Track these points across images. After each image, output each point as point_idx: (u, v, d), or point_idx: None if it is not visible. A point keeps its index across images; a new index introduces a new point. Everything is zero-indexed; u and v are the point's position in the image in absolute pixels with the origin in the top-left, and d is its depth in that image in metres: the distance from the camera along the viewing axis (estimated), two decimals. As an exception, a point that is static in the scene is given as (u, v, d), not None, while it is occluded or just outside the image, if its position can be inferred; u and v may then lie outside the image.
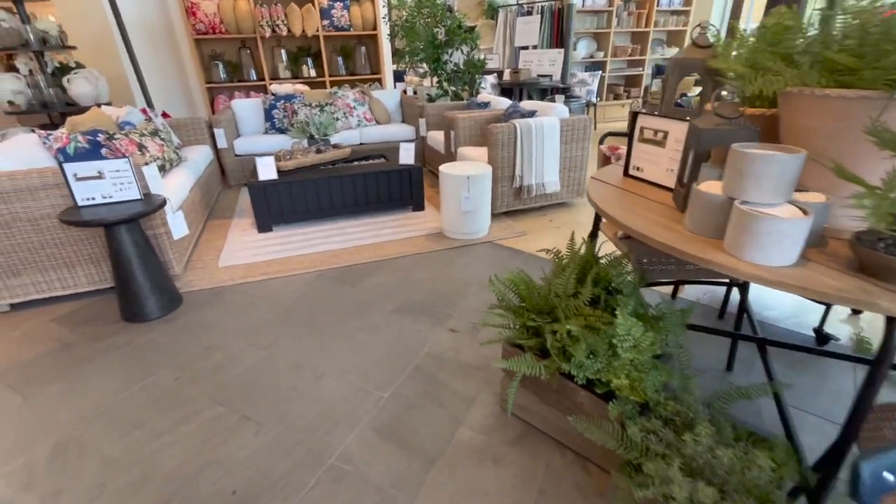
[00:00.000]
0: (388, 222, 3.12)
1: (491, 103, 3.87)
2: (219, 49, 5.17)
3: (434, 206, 3.40)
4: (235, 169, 4.00)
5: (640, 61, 6.88)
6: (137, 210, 1.86)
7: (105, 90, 4.32)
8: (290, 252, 2.69)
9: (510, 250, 2.67)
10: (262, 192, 2.90)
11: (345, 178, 3.04)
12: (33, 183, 1.98)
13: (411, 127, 4.43)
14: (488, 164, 2.94)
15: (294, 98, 4.23)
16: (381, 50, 5.50)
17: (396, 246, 2.75)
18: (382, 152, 3.60)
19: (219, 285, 2.35)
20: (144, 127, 2.80)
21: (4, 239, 2.04)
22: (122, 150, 2.51)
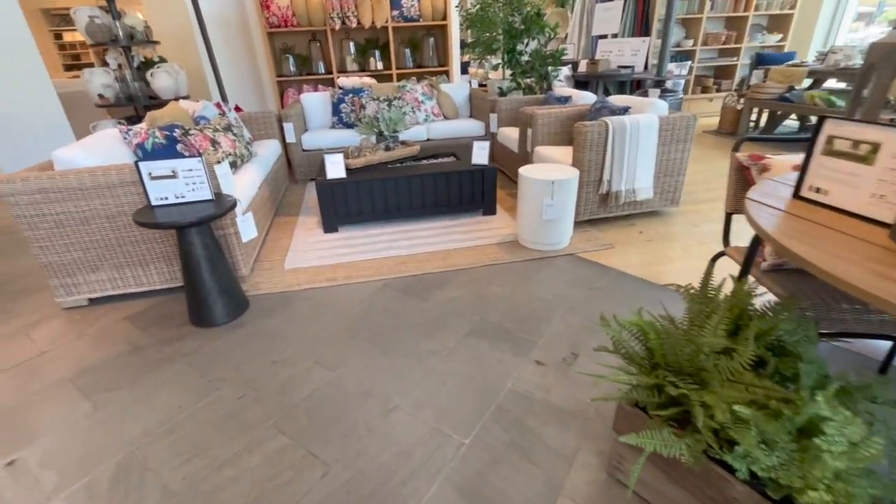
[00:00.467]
0: (457, 227, 2.90)
1: (572, 98, 3.52)
2: (290, 42, 5.18)
3: (506, 211, 3.14)
4: (302, 164, 3.95)
5: (733, 50, 6.16)
6: (208, 213, 1.77)
7: (184, 84, 4.44)
8: (356, 256, 2.55)
9: (596, 266, 2.36)
10: (329, 192, 2.79)
11: (413, 178, 2.86)
12: (112, 180, 1.95)
13: (481, 122, 4.18)
14: (572, 166, 2.64)
15: (362, 92, 4.11)
16: (450, 41, 5.27)
17: (467, 254, 2.53)
18: (450, 149, 3.39)
19: (285, 290, 2.24)
20: (218, 122, 2.76)
21: (84, 235, 2.03)
22: (195, 145, 2.47)
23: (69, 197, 1.94)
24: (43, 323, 2.07)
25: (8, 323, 2.09)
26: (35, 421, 1.51)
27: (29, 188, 1.89)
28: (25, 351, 1.88)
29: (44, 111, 3.95)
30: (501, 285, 2.21)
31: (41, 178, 1.89)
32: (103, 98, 4.13)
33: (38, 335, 1.99)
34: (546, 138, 3.20)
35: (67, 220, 1.99)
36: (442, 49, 5.48)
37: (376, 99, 4.00)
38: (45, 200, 1.93)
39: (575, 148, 2.61)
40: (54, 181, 1.90)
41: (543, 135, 3.18)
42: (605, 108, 2.90)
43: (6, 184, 1.87)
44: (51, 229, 1.99)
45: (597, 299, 2.06)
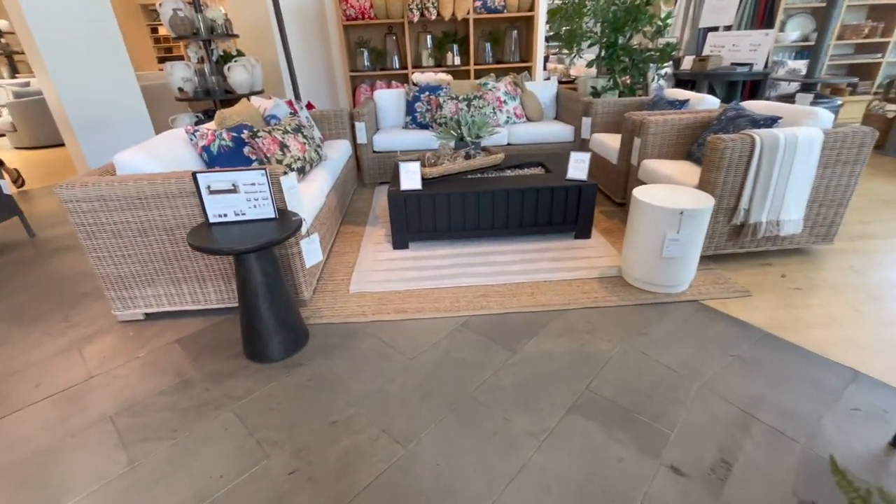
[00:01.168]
0: (544, 252, 2.48)
1: (690, 101, 2.95)
2: (365, 35, 4.96)
3: (601, 234, 2.67)
4: (372, 166, 3.69)
5: (876, 45, 5.14)
6: (269, 237, 1.49)
7: (259, 78, 4.34)
8: (428, 281, 2.21)
9: (732, 321, 1.85)
10: (402, 205, 2.47)
11: (499, 192, 2.47)
12: (171, 189, 1.74)
13: (570, 127, 3.69)
14: (698, 188, 2.12)
15: (439, 90, 3.77)
16: (535, 35, 4.80)
17: (561, 290, 2.10)
18: (536, 157, 2.96)
19: (349, 320, 1.95)
20: (289, 122, 2.53)
21: (143, 247, 1.85)
22: (263, 149, 2.24)
23: (127, 206, 1.76)
24: (97, 338, 1.93)
25: (64, 334, 1.97)
26: (66, 474, 1.31)
27: (88, 194, 1.73)
28: (74, 373, 1.72)
29: (126, 104, 3.99)
30: (609, 339, 1.77)
31: (100, 184, 1.72)
32: (183, 92, 4.11)
33: (89, 353, 1.83)
34: (657, 150, 2.68)
35: (125, 230, 1.81)
36: (526, 43, 5.01)
37: (454, 98, 3.64)
38: (104, 209, 1.76)
39: (706, 167, 2.09)
40: (113, 188, 1.72)
41: (654, 146, 2.66)
42: (743, 118, 2.34)
43: (67, 189, 1.71)
44: (108, 239, 1.82)
45: (744, 375, 1.56)
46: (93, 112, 3.78)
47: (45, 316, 2.12)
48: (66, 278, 2.47)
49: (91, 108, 3.77)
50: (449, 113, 3.62)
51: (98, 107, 3.80)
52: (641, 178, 2.68)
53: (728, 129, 2.37)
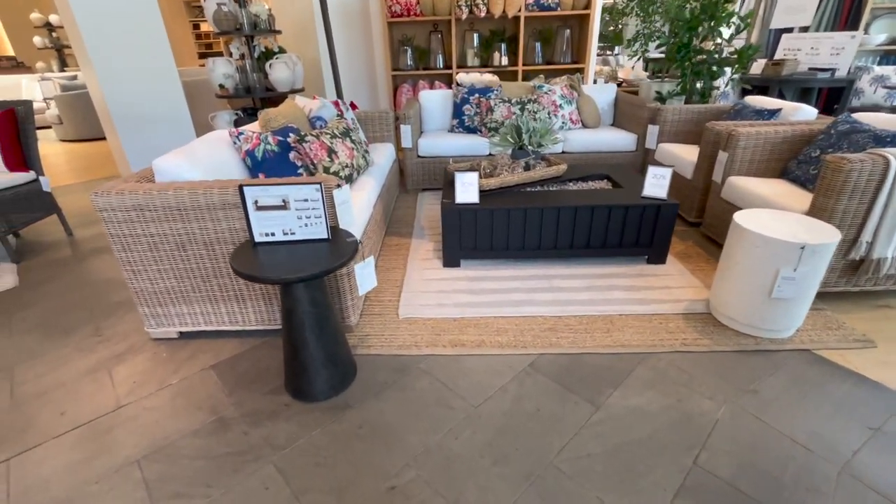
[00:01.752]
0: (615, 278, 2.20)
1: (782, 111, 2.61)
2: (409, 33, 4.75)
3: (678, 259, 2.36)
4: (416, 172, 3.48)
5: (977, 50, 4.59)
6: (323, 265, 1.28)
7: (300, 76, 4.19)
8: (485, 308, 1.97)
9: (859, 379, 1.54)
10: (456, 220, 2.23)
11: (565, 209, 2.20)
12: (213, 201, 1.55)
13: (631, 135, 3.38)
14: (809, 215, 1.80)
15: (490, 92, 3.52)
16: (589, 34, 4.48)
17: (642, 328, 1.82)
18: (592, 166, 2.67)
19: (400, 352, 1.73)
20: (336, 125, 2.33)
21: (179, 261, 1.68)
22: (310, 154, 2.05)
23: (166, 217, 1.58)
24: (129, 357, 1.77)
25: (95, 350, 1.82)
26: (86, 534, 1.13)
27: (124, 203, 1.56)
28: (103, 399, 1.56)
29: (167, 100, 3.90)
30: (710, 395, 1.49)
31: (137, 192, 1.55)
32: (223, 89, 4.00)
33: (120, 375, 1.67)
34: (745, 166, 2.36)
35: (162, 243, 1.64)
36: (578, 43, 4.70)
37: (507, 101, 3.39)
38: (140, 219, 1.59)
39: (822, 191, 1.77)
40: (151, 197, 1.55)
41: (743, 161, 2.34)
42: (861, 133, 2.00)
43: (102, 197, 1.55)
44: (144, 252, 1.66)
45: (893, 458, 1.26)
46: (134, 107, 3.70)
47: (76, 327, 1.98)
48: (100, 284, 2.34)
49: (132, 102, 3.69)
50: (500, 117, 3.37)
51: (139, 102, 3.72)
52: (726, 197, 2.36)
53: (841, 145, 2.03)
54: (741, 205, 2.24)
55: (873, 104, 4.35)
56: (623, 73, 6.73)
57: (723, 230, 2.40)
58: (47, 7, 8.77)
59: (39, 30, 8.25)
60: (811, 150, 2.17)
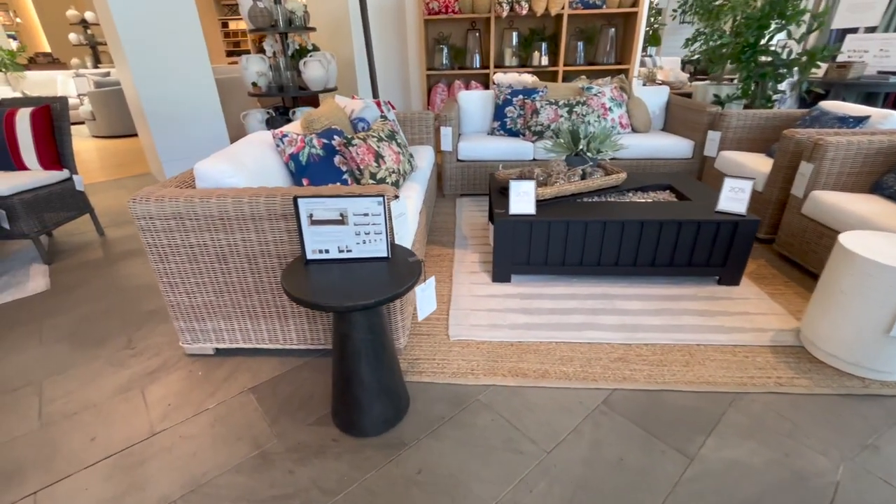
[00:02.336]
0: (684, 301, 1.99)
1: (870, 118, 2.36)
2: (446, 31, 4.59)
3: (753, 282, 2.14)
4: (455, 176, 3.31)
5: None
6: (387, 291, 1.12)
7: (334, 75, 4.06)
8: (544, 330, 1.79)
9: None
10: (510, 232, 2.06)
11: (630, 223, 2.01)
12: (259, 211, 1.41)
13: (687, 141, 3.15)
14: (927, 241, 1.57)
15: (535, 93, 3.34)
16: (636, 33, 4.25)
17: (725, 361, 1.62)
18: (644, 174, 2.46)
19: (455, 381, 1.56)
20: (381, 127, 2.18)
21: (220, 275, 1.54)
22: (356, 159, 1.90)
23: (207, 226, 1.45)
24: (162, 374, 1.65)
25: (127, 365, 1.70)
26: None
27: (164, 211, 1.43)
28: (136, 424, 1.44)
29: (201, 98, 3.83)
30: (822, 450, 1.28)
31: (178, 199, 1.42)
32: (256, 87, 3.90)
33: (153, 396, 1.55)
34: (833, 180, 2.12)
35: (203, 254, 1.51)
36: (624, 43, 4.47)
37: (553, 103, 3.19)
38: (180, 228, 1.46)
39: (944, 212, 1.54)
40: (193, 205, 1.41)
41: (830, 174, 2.11)
42: (982, 145, 1.75)
43: (140, 204, 1.43)
44: (182, 264, 1.53)
45: None
46: (167, 105, 3.63)
47: (107, 338, 1.87)
48: (132, 290, 2.24)
49: (166, 100, 3.62)
50: (547, 120, 3.18)
51: (173, 100, 3.65)
52: (809, 213, 2.13)
53: (955, 159, 1.79)
54: (830, 223, 2.01)
55: (948, 111, 4.01)
56: (662, 75, 6.45)
57: (802, 249, 2.17)
58: (83, 4, 8.91)
59: (75, 27, 8.37)
60: (915, 164, 1.93)
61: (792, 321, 1.84)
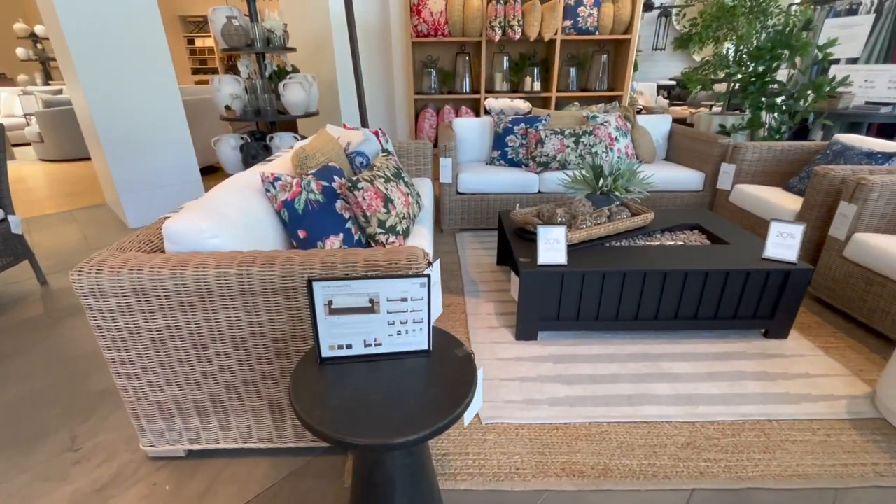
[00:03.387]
0: (735, 360, 1.77)
1: (900, 155, 2.26)
2: (434, 54, 4.39)
3: (801, 334, 1.95)
4: (454, 210, 3.05)
5: None
6: (436, 416, 0.81)
7: (315, 98, 3.77)
8: (590, 405, 1.52)
9: None
10: (539, 284, 1.79)
11: (674, 273, 1.78)
12: (251, 284, 1.08)
13: (698, 173, 3.01)
14: None
15: (538, 122, 3.14)
16: (629, 60, 4.18)
17: (808, 444, 1.38)
18: (658, 209, 2.27)
19: (499, 487, 1.26)
20: (385, 164, 1.89)
21: (196, 363, 1.19)
22: (362, 205, 1.60)
23: (181, 304, 1.11)
24: (116, 492, 1.26)
25: (67, 477, 1.31)
26: None
27: (121, 286, 1.08)
28: (76, 579, 1.05)
29: (166, 121, 3.43)
30: (966, 574, 1.04)
31: (141, 270, 1.07)
32: (230, 111, 3.55)
33: (103, 528, 1.16)
34: (875, 222, 1.97)
35: (173, 339, 1.16)
36: (616, 69, 4.39)
37: (559, 132, 3.00)
38: (144, 308, 1.11)
39: None
40: (161, 278, 1.07)
41: (873, 216, 1.96)
42: None
43: (86, 277, 1.07)
44: (146, 352, 1.17)
45: None
46: (125, 127, 3.21)
47: (43, 434, 1.46)
48: (78, 360, 1.83)
49: (124, 122, 3.20)
50: (552, 150, 2.97)
51: (132, 122, 3.24)
52: (852, 257, 1.97)
53: None
54: (880, 269, 1.85)
55: (931, 141, 4.10)
56: (643, 101, 6.47)
57: (847, 296, 2.00)
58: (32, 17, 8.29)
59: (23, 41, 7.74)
60: (968, 206, 1.79)
61: (859, 383, 1.64)
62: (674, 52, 6.33)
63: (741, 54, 3.08)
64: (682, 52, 6.36)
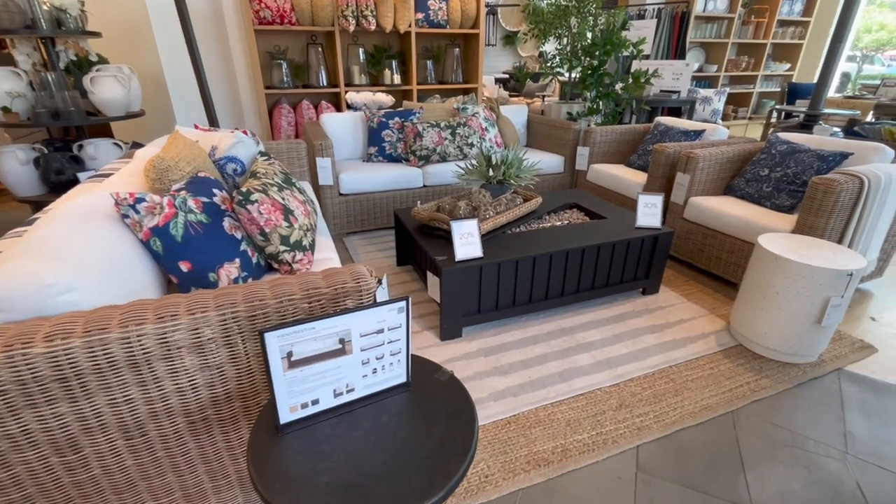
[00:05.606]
0: (630, 319, 2.01)
1: (706, 132, 2.81)
2: (282, 44, 3.97)
3: (669, 288, 2.31)
4: (339, 213, 2.82)
5: (749, 77, 5.98)
6: (442, 476, 0.70)
7: (137, 95, 3.09)
8: (530, 390, 1.56)
9: (892, 392, 1.61)
10: (460, 281, 1.76)
11: (574, 251, 1.93)
12: (149, 349, 0.80)
13: (558, 157, 3.33)
14: (797, 233, 1.88)
15: (412, 115, 3.09)
16: (479, 53, 4.40)
17: (701, 380, 1.65)
18: (540, 193, 2.50)
19: (475, 500, 1.19)
20: (270, 170, 1.62)
21: (63, 471, 0.84)
22: (259, 220, 1.33)
23: (25, 399, 0.76)
24: None
25: None
26: None
27: None
28: None
29: None
30: (826, 453, 1.36)
31: (-53, 363, 0.70)
32: (10, 114, 2.68)
33: None
34: (702, 187, 2.44)
35: (19, 449, 0.79)
36: (468, 63, 4.58)
37: (436, 125, 3.00)
38: (-42, 416, 0.73)
39: (811, 211, 1.86)
40: (-13, 368, 0.71)
41: (700, 182, 2.42)
42: (803, 153, 2.20)
43: None
44: (-30, 479, 0.78)
45: None
46: None
47: None
48: None
49: None
50: (431, 143, 2.96)
51: None
52: (691, 217, 2.40)
53: (787, 165, 2.22)
54: (713, 225, 2.29)
55: (703, 120, 5.28)
56: (487, 93, 6.94)
57: (690, 249, 2.43)
58: None
59: None
60: (758, 169, 2.33)
61: (717, 320, 2.01)
62: (503, 48, 6.88)
63: (577, 49, 3.50)
64: (511, 48, 6.97)
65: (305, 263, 1.45)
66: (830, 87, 3.36)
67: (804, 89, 5.25)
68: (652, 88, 4.81)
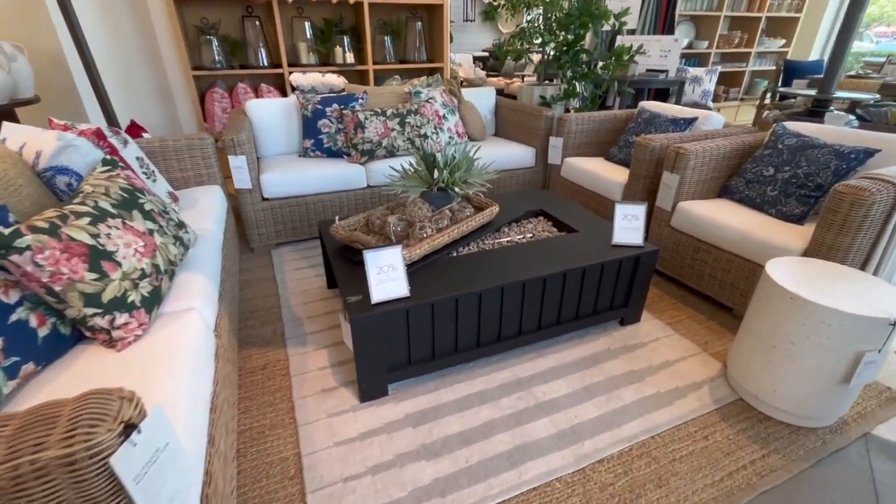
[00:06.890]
0: (603, 362, 1.61)
1: (698, 120, 2.38)
2: (211, 17, 3.41)
3: (651, 314, 1.91)
4: (264, 222, 2.35)
5: (742, 55, 5.54)
6: None
7: (29, 79, 2.55)
8: (465, 481, 1.16)
9: (943, 467, 1.24)
10: (377, 330, 1.33)
11: (532, 282, 1.51)
12: None
13: (528, 149, 2.88)
14: (810, 255, 1.49)
15: (353, 100, 2.60)
16: (444, 29, 3.88)
17: (693, 455, 1.26)
18: (503, 194, 2.07)
19: None
20: (103, 185, 1.15)
21: None
22: (39, 276, 0.88)
23: None
24: None
25: None
26: None
27: None
28: None
29: None
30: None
31: None
32: None
33: None
34: (693, 189, 2.02)
35: None
36: (433, 39, 4.06)
37: (381, 113, 2.52)
38: None
39: (830, 226, 1.46)
40: None
41: (691, 184, 2.00)
42: (818, 148, 1.79)
43: None
44: None
45: None
46: None
47: None
48: None
49: None
50: (376, 135, 2.48)
51: None
52: (679, 226, 2.00)
53: (798, 164, 1.80)
54: (706, 237, 1.88)
55: (693, 102, 4.85)
56: (462, 73, 6.41)
57: (678, 263, 2.03)
58: None
59: None
60: (761, 168, 1.92)
61: (711, 360, 1.62)
62: (483, 24, 6.32)
63: (550, 22, 3.02)
64: (491, 24, 6.41)
65: (134, 328, 1.01)
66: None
67: (801, 68, 4.83)
68: (637, 67, 4.35)
